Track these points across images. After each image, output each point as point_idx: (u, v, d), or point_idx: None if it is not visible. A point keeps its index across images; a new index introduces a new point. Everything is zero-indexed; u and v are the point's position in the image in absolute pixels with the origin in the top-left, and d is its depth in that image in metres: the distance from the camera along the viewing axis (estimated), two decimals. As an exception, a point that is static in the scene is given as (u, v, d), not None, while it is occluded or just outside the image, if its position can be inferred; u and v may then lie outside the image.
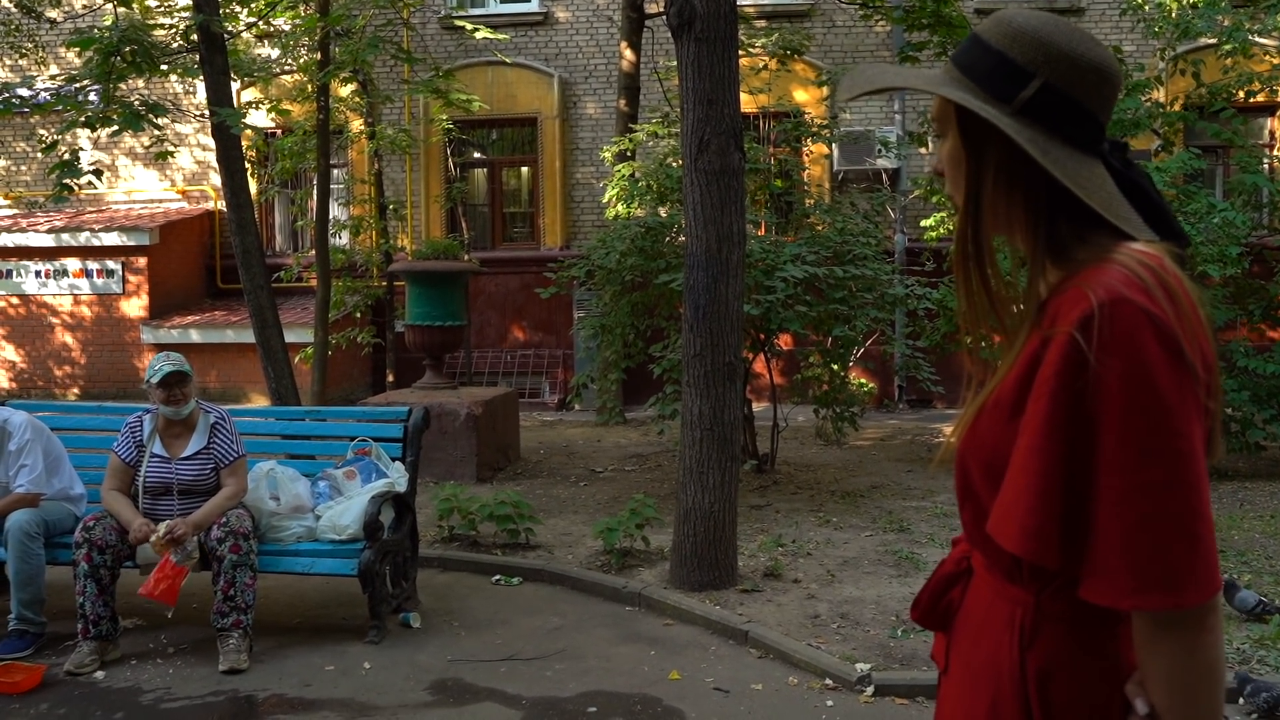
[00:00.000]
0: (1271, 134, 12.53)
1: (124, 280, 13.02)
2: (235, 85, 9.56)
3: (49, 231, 12.95)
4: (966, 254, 1.25)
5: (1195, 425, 1.09)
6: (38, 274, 13.12)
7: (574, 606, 4.93)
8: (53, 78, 9.52)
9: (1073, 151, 1.19)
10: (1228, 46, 8.56)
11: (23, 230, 13.07)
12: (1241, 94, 9.12)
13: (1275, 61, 9.48)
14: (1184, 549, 1.06)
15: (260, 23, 10.16)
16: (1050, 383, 1.12)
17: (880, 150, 11.28)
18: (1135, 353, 1.07)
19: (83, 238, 12.88)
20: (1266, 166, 10.04)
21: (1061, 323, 1.13)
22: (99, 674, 4.06)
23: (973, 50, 1.24)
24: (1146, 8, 9.97)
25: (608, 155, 11.00)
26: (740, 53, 5.23)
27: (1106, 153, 1.22)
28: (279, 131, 12.79)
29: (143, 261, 12.97)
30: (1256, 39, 9.03)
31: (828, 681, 3.95)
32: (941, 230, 10.79)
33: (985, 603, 1.29)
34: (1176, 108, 9.16)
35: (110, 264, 13.01)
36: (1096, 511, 1.10)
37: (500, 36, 12.08)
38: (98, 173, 7.42)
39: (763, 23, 12.76)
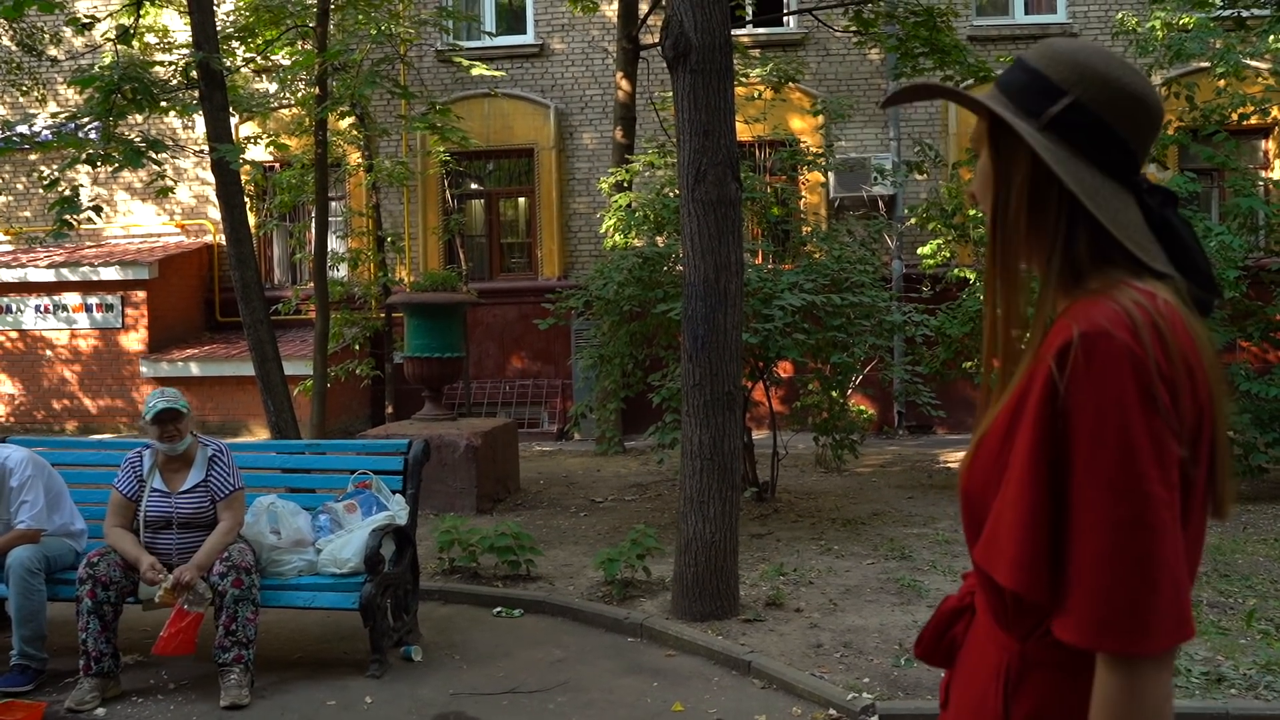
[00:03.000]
0: (1266, 156, 12.62)
1: (123, 314, 13.05)
2: (233, 120, 9.63)
3: (49, 266, 12.99)
4: (994, 273, 1.25)
5: (1167, 471, 1.06)
6: (37, 308, 13.14)
7: (576, 638, 4.90)
8: (54, 115, 9.58)
9: (1099, 175, 1.18)
10: (1220, 69, 8.62)
11: (22, 265, 13.12)
12: (1235, 116, 9.17)
13: (1268, 83, 9.55)
14: (1144, 593, 1.04)
15: (258, 58, 10.25)
16: (1031, 413, 1.12)
17: (876, 178, 11.35)
18: (1107, 388, 1.06)
19: (82, 272, 12.91)
20: (1261, 189, 10.07)
21: (1047, 353, 1.12)
22: (100, 711, 4.03)
23: (1013, 70, 1.26)
24: (1139, 29, 10.05)
25: (605, 186, 11.06)
26: (735, 82, 5.26)
27: (1143, 189, 1.20)
28: (277, 165, 12.86)
29: (142, 295, 13.00)
30: (1248, 61, 9.09)
31: (831, 712, 3.92)
32: (938, 258, 10.83)
33: (980, 644, 1.28)
34: (1170, 131, 9.21)
35: (109, 298, 13.04)
36: (1070, 546, 1.09)
37: (497, 74, 12.19)
38: (97, 208, 7.46)
39: (757, 52, 12.88)
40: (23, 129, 8.33)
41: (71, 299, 13.10)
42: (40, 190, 9.96)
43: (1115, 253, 1.16)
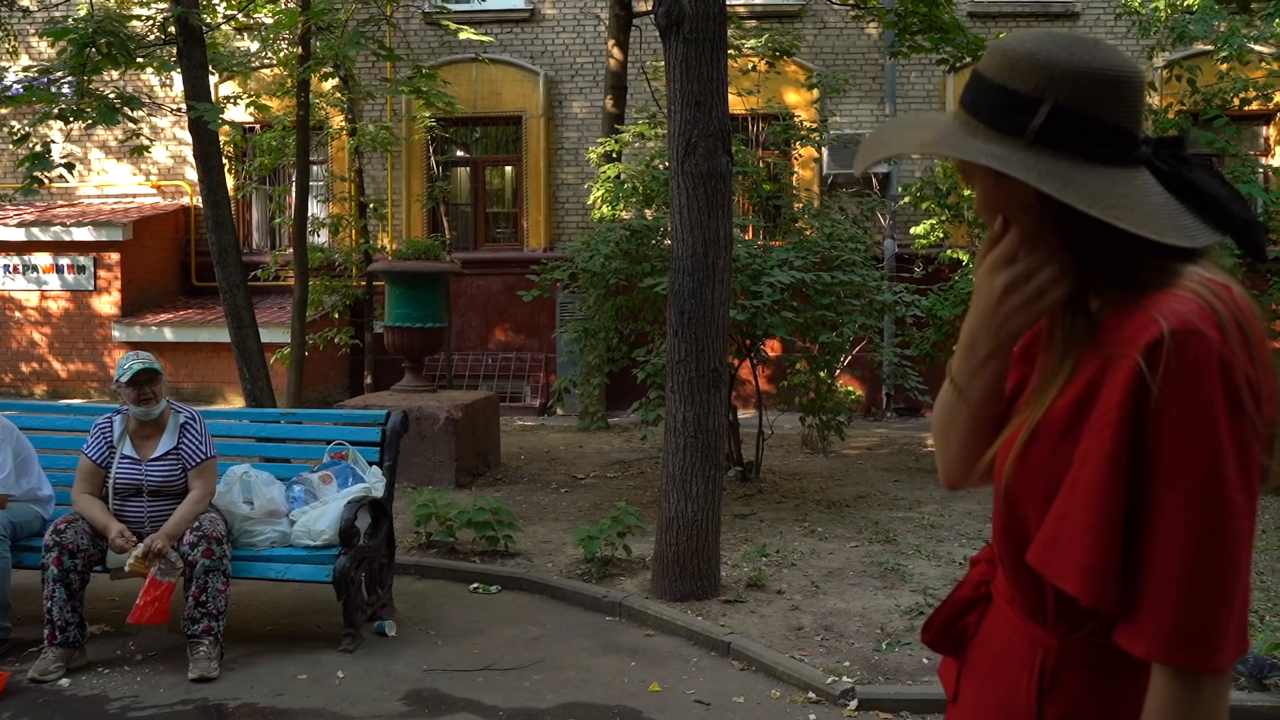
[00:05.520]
0: (1266, 142, 12.54)
1: (95, 276, 12.80)
2: (213, 79, 9.41)
3: (18, 225, 12.69)
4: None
5: (1249, 476, 1.03)
6: (6, 268, 12.86)
7: (553, 616, 4.86)
8: (25, 69, 9.34)
9: (1102, 169, 1.10)
10: (1224, 53, 8.50)
11: (-9, 223, 12.83)
12: (1237, 101, 9.04)
13: (1271, 68, 9.43)
14: (1220, 607, 1.01)
15: (240, 15, 10.02)
16: (1116, 412, 1.05)
17: (869, 155, 11.21)
18: (1199, 390, 1.01)
19: (53, 232, 12.62)
20: (1261, 176, 9.98)
21: (1127, 347, 1.06)
22: (64, 681, 3.97)
23: (975, 88, 1.17)
24: (1142, 10, 9.91)
25: (593, 156, 10.91)
26: (729, 53, 5.15)
27: (1150, 155, 1.13)
28: (257, 126, 12.62)
29: (115, 257, 12.75)
30: (1253, 45, 8.95)
31: (810, 695, 3.90)
32: (931, 238, 10.74)
33: (1003, 636, 1.25)
34: (1171, 115, 9.11)
35: (81, 259, 12.78)
36: (1144, 553, 1.04)
37: (485, 38, 11.97)
38: (69, 165, 7.29)
39: (753, 23, 12.70)
40: (-7, 82, 8.12)
41: (42, 259, 12.81)
42: (10, 146, 9.71)
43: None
